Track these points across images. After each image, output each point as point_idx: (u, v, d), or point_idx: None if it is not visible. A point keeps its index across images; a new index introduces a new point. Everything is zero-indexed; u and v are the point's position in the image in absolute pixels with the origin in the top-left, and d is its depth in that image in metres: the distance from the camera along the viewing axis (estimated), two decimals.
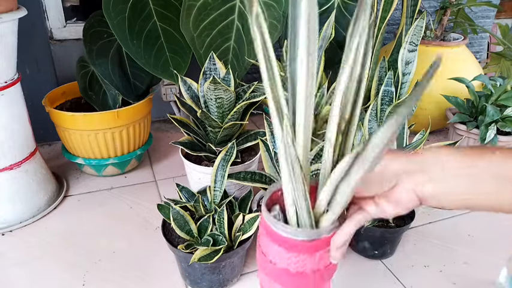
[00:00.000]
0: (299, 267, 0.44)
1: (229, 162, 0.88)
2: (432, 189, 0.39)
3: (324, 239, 0.43)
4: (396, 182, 0.40)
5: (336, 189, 0.41)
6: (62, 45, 1.42)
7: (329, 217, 0.43)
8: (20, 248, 0.98)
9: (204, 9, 1.05)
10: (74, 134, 1.18)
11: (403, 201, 0.40)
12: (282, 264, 0.45)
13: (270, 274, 0.47)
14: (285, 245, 0.44)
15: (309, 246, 0.43)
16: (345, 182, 0.39)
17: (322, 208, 0.43)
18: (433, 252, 1.02)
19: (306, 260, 0.44)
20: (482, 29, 1.58)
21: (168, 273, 0.92)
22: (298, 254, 0.43)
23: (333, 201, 0.42)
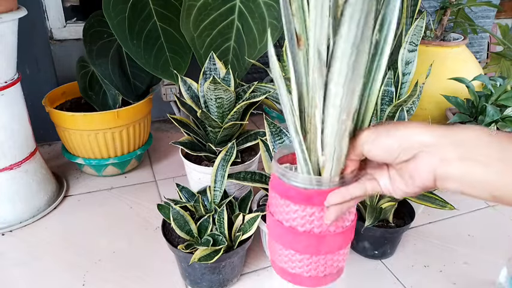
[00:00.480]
0: (306, 224, 0.43)
1: (229, 162, 0.88)
2: (458, 169, 0.34)
3: (318, 192, 0.42)
4: (418, 154, 0.36)
5: (322, 127, 0.39)
6: (62, 45, 1.41)
7: (326, 167, 0.41)
8: (20, 248, 0.98)
9: (204, 9, 1.05)
10: (74, 134, 1.17)
11: (419, 176, 0.36)
12: (289, 222, 0.44)
13: (278, 238, 0.46)
14: (291, 196, 0.43)
15: (315, 196, 0.42)
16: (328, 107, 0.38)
17: (320, 159, 0.42)
18: (433, 252, 1.02)
19: (312, 216, 0.43)
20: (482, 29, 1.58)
21: (168, 273, 0.92)
22: (305, 206, 0.43)
23: (323, 144, 0.40)
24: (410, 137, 0.36)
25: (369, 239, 0.96)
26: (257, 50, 1.11)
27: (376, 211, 0.90)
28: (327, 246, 0.45)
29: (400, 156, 0.37)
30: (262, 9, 1.07)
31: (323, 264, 0.46)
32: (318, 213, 0.43)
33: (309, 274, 0.46)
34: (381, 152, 0.38)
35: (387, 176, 0.41)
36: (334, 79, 0.36)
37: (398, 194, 0.40)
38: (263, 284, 0.91)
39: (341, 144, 0.40)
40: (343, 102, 0.37)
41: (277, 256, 0.49)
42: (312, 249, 0.45)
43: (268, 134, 0.89)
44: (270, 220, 0.48)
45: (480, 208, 1.22)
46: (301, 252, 0.45)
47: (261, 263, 0.96)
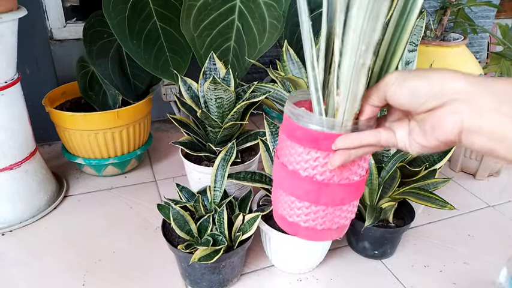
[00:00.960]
0: (309, 169, 0.41)
1: (229, 162, 0.88)
2: (490, 122, 0.30)
3: (327, 135, 0.40)
4: (447, 102, 0.32)
5: (340, 61, 0.36)
6: (62, 45, 1.41)
7: (341, 109, 0.38)
8: (20, 248, 0.98)
9: (204, 9, 1.05)
10: (74, 134, 1.17)
11: (442, 126, 0.32)
12: (292, 165, 0.42)
13: (280, 182, 0.45)
14: (297, 137, 0.41)
15: (321, 139, 0.39)
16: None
17: (335, 100, 0.39)
18: (433, 252, 1.02)
19: (316, 161, 0.41)
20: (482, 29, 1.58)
21: (168, 273, 0.92)
22: (310, 149, 0.40)
23: (339, 80, 0.37)
24: (443, 81, 0.32)
25: (369, 239, 0.96)
26: (257, 50, 1.11)
27: (376, 211, 0.90)
28: (328, 196, 0.43)
29: (427, 103, 0.33)
30: (263, 9, 1.07)
31: (322, 216, 0.44)
32: (322, 159, 0.41)
33: (306, 224, 0.45)
34: (406, 96, 0.34)
35: (406, 128, 0.37)
36: (357, 1, 0.33)
37: (413, 148, 0.36)
38: (263, 284, 0.91)
39: (358, 82, 0.36)
40: (364, 27, 0.34)
41: (277, 203, 0.47)
42: (311, 197, 0.43)
43: (268, 134, 0.89)
44: (275, 164, 0.46)
45: (480, 208, 1.22)
46: (301, 199, 0.43)
47: (261, 263, 0.96)
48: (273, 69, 1.02)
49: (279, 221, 0.48)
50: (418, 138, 0.35)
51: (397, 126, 0.38)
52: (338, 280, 0.93)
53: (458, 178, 1.38)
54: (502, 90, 0.30)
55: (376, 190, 0.90)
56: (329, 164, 0.40)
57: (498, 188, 1.33)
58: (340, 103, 0.38)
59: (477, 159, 1.35)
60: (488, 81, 0.31)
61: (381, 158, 0.96)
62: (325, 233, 0.46)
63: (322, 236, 0.46)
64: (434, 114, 0.33)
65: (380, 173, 0.90)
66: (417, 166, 0.93)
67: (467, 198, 1.26)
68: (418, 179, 0.90)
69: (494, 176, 1.40)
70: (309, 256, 0.90)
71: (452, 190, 1.30)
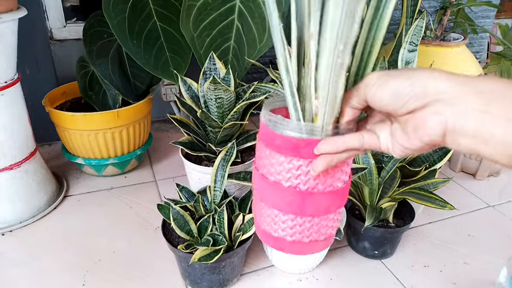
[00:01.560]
0: (292, 179, 0.40)
1: (229, 162, 0.88)
2: (475, 122, 0.29)
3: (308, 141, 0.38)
4: (430, 103, 0.31)
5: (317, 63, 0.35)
6: (62, 45, 1.41)
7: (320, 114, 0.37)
8: (20, 248, 0.98)
9: (204, 9, 1.05)
10: (74, 134, 1.17)
11: (426, 127, 0.31)
12: (274, 176, 0.41)
13: (262, 194, 0.43)
14: (277, 146, 0.39)
15: (303, 146, 0.38)
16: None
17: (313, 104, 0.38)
18: (433, 252, 1.02)
19: (299, 169, 0.39)
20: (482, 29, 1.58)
21: (168, 273, 0.92)
22: (291, 157, 0.39)
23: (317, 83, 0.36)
24: (426, 81, 0.31)
25: (369, 239, 0.96)
26: (257, 50, 1.11)
27: (376, 211, 0.90)
28: (313, 206, 0.41)
29: (408, 104, 0.32)
30: (262, 9, 1.07)
31: (308, 228, 0.42)
32: (305, 167, 0.39)
33: (292, 238, 0.42)
34: (387, 96, 0.33)
35: (388, 131, 0.36)
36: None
37: (396, 150, 0.35)
38: (263, 284, 0.91)
39: (337, 83, 0.35)
40: (342, 25, 0.33)
41: (260, 217, 0.45)
42: (296, 208, 0.41)
43: None
44: (254, 175, 0.44)
45: (480, 208, 1.22)
46: (285, 212, 0.41)
47: (261, 263, 0.96)
48: (273, 69, 1.02)
49: (262, 237, 0.46)
50: (401, 141, 0.34)
51: (379, 128, 0.37)
52: (338, 280, 0.93)
53: (458, 178, 1.38)
54: (488, 90, 0.30)
55: (376, 190, 0.90)
56: (311, 170, 0.39)
57: (498, 188, 1.33)
58: (319, 107, 0.37)
59: (477, 159, 1.35)
60: (474, 81, 0.30)
61: (380, 158, 0.96)
62: (313, 245, 0.43)
63: (309, 248, 0.44)
64: (416, 116, 0.32)
65: (380, 173, 0.90)
66: (417, 166, 0.93)
67: (467, 198, 1.26)
68: (418, 179, 0.90)
69: (494, 176, 1.40)
70: (309, 256, 0.90)
71: (452, 190, 1.30)
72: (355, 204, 0.98)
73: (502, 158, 0.29)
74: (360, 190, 0.94)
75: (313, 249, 0.44)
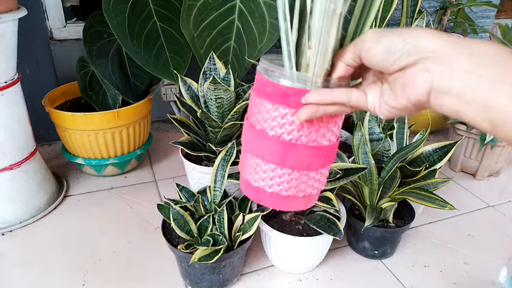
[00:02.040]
0: (276, 128, 0.40)
1: (229, 162, 0.88)
2: (459, 83, 0.29)
3: (296, 91, 0.38)
4: (419, 60, 0.31)
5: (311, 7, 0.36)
6: (62, 45, 1.41)
7: (311, 64, 0.38)
8: (20, 248, 0.98)
9: (204, 9, 1.05)
10: (74, 134, 1.17)
11: (412, 86, 0.31)
12: (260, 124, 0.41)
13: (247, 143, 0.44)
14: (266, 93, 0.40)
15: (291, 94, 0.38)
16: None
17: (307, 54, 0.38)
18: (433, 252, 1.02)
19: (284, 118, 0.39)
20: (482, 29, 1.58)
21: (168, 273, 0.92)
22: (278, 105, 0.39)
23: (311, 30, 0.36)
24: (418, 39, 0.31)
25: (369, 239, 0.96)
26: (257, 50, 1.11)
27: (376, 211, 0.90)
28: (294, 158, 0.41)
29: (399, 60, 0.32)
30: (263, 9, 1.07)
31: (288, 181, 0.42)
32: (290, 116, 0.39)
33: (271, 190, 0.43)
34: (380, 52, 0.33)
35: (378, 91, 0.36)
36: None
37: (383, 110, 0.35)
38: (263, 284, 0.91)
39: (329, 32, 0.36)
40: None
41: (244, 167, 0.45)
42: (277, 158, 0.41)
43: None
44: (244, 126, 0.44)
45: (480, 208, 1.22)
46: (267, 161, 0.42)
47: (261, 263, 0.96)
48: None
49: (243, 187, 0.46)
50: (388, 100, 0.34)
51: (369, 88, 0.37)
52: (338, 280, 0.93)
53: (458, 178, 1.38)
54: (480, 52, 0.29)
55: (376, 190, 0.90)
56: (295, 117, 0.39)
57: (498, 188, 1.33)
58: (311, 57, 0.37)
59: (477, 159, 1.35)
60: (466, 42, 0.30)
61: (381, 158, 0.96)
62: (291, 201, 0.44)
63: (287, 203, 0.44)
64: (406, 73, 0.32)
65: (380, 173, 0.90)
66: (417, 166, 0.93)
67: (467, 198, 1.26)
68: (418, 179, 0.90)
69: (494, 176, 1.40)
70: (309, 256, 0.90)
71: (452, 190, 1.30)
72: (355, 204, 0.98)
73: (483, 121, 0.29)
74: (360, 190, 0.94)
75: (291, 204, 0.44)
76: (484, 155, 1.32)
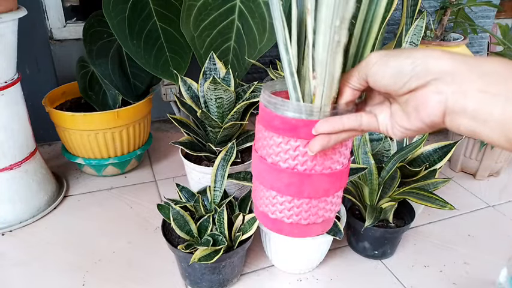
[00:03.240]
0: (289, 160, 0.40)
1: (229, 162, 0.88)
2: (474, 102, 0.29)
3: (306, 122, 0.38)
4: (430, 82, 0.31)
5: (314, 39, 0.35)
6: (62, 45, 1.41)
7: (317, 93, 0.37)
8: (20, 248, 0.98)
9: (205, 9, 1.05)
10: (74, 134, 1.17)
11: (426, 107, 0.31)
12: (271, 157, 0.41)
13: (260, 176, 0.43)
14: (275, 126, 0.39)
15: (301, 126, 0.38)
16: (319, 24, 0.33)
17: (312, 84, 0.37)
18: (433, 252, 1.02)
19: (297, 150, 0.39)
20: (482, 29, 1.58)
21: (168, 273, 0.92)
22: (289, 138, 0.39)
23: (315, 61, 0.36)
24: (427, 60, 0.31)
25: (368, 239, 0.96)
26: (257, 50, 1.11)
27: (376, 211, 0.90)
28: (311, 187, 0.41)
29: (410, 82, 0.32)
30: (263, 9, 1.07)
31: (306, 210, 0.42)
32: (302, 148, 0.39)
33: (290, 220, 0.42)
34: (389, 75, 0.33)
35: (388, 112, 0.36)
36: None
37: (396, 131, 0.35)
38: (263, 284, 0.91)
39: (334, 61, 0.35)
40: (337, 1, 0.33)
41: (258, 199, 0.45)
42: (294, 190, 0.41)
43: None
44: (254, 158, 0.44)
45: (480, 208, 1.22)
46: (283, 193, 0.41)
47: (261, 263, 0.96)
48: (273, 69, 1.02)
49: (260, 218, 0.46)
50: (401, 122, 0.34)
51: (379, 110, 0.37)
52: (338, 280, 0.93)
53: (458, 178, 1.38)
54: (491, 71, 0.29)
55: (376, 190, 0.90)
56: (308, 150, 0.38)
57: (498, 188, 1.33)
58: (317, 86, 0.37)
59: (477, 159, 1.35)
60: (477, 61, 0.30)
61: (381, 158, 0.96)
62: (311, 228, 0.44)
63: (307, 231, 0.44)
64: (417, 95, 0.32)
65: (380, 173, 0.90)
66: (417, 166, 0.93)
67: (467, 198, 1.26)
68: (418, 179, 0.90)
69: (494, 176, 1.40)
70: (309, 256, 0.90)
71: (452, 190, 1.30)
72: (355, 204, 0.98)
73: (500, 138, 0.29)
74: (360, 190, 0.94)
75: (311, 232, 0.44)
76: (484, 155, 1.32)
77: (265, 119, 0.41)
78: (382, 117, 0.36)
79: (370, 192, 0.92)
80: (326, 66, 0.35)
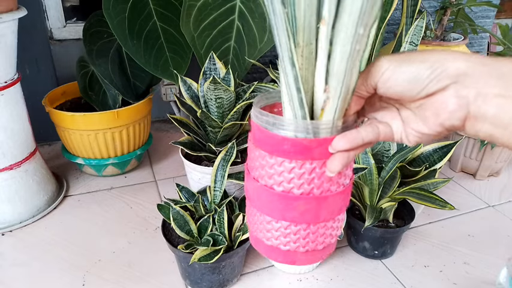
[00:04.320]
0: (304, 185, 0.35)
1: (229, 162, 0.88)
2: (495, 107, 0.28)
3: (320, 141, 0.34)
4: (450, 85, 0.30)
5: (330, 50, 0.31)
6: (62, 45, 1.41)
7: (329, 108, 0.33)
8: (20, 248, 0.98)
9: (205, 9, 1.05)
10: (74, 134, 1.17)
11: (447, 112, 0.30)
12: (282, 185, 0.36)
13: (267, 207, 0.38)
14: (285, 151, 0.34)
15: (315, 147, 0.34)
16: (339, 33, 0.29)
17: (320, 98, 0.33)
18: (433, 252, 1.02)
19: (313, 173, 0.35)
20: (482, 29, 1.58)
21: (168, 273, 0.92)
22: (303, 161, 0.34)
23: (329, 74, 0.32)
24: (445, 62, 0.29)
25: (368, 239, 0.96)
26: (257, 50, 1.11)
27: (376, 211, 0.90)
28: (327, 210, 0.37)
29: (428, 87, 0.30)
30: (263, 9, 1.07)
31: (304, 236, 0.38)
32: (319, 169, 0.35)
33: (305, 248, 0.38)
34: (405, 81, 0.31)
35: (399, 119, 0.34)
36: None
37: (411, 138, 0.34)
38: (263, 284, 0.91)
39: (351, 72, 0.31)
40: (364, 6, 0.28)
41: (252, 224, 0.40)
42: (310, 216, 0.37)
43: None
44: (252, 187, 0.39)
45: (480, 208, 1.22)
46: (298, 222, 0.37)
47: (261, 263, 0.96)
48: (273, 69, 1.02)
49: (255, 244, 0.42)
50: (418, 127, 0.33)
51: (388, 117, 0.35)
52: (338, 280, 0.93)
53: (458, 178, 1.38)
54: (509, 73, 0.28)
55: (376, 190, 0.90)
56: (327, 170, 0.35)
57: (498, 188, 1.33)
58: (329, 100, 0.33)
59: (477, 159, 1.35)
60: (495, 62, 0.29)
61: (381, 158, 0.96)
62: (310, 255, 0.39)
63: (306, 258, 0.40)
64: (436, 99, 0.30)
65: (380, 173, 0.90)
66: (417, 166, 0.93)
67: (467, 198, 1.26)
68: (418, 179, 0.90)
69: (494, 176, 1.40)
70: None
71: (452, 190, 1.30)
72: (355, 204, 0.98)
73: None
74: (360, 190, 0.94)
75: (311, 259, 0.40)
76: (484, 155, 1.32)
77: (269, 143, 0.35)
78: (396, 126, 0.35)
79: (370, 192, 0.92)
80: (344, 78, 0.32)
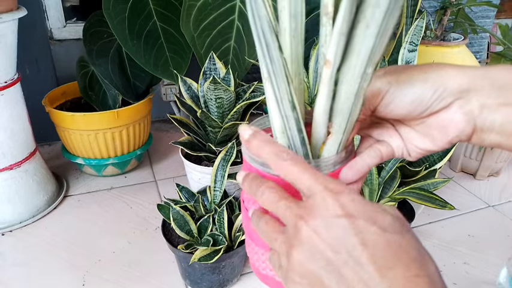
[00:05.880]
0: None
1: (229, 162, 0.88)
2: (501, 117, 0.29)
3: (337, 173, 0.33)
4: (452, 103, 0.30)
5: (335, 91, 0.30)
6: (62, 45, 1.41)
7: (332, 142, 0.32)
8: (20, 248, 0.98)
9: (205, 9, 1.05)
10: (74, 134, 1.17)
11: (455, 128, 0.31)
12: None
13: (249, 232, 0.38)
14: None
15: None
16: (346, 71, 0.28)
17: (321, 134, 0.32)
18: (433, 252, 1.02)
19: None
20: (482, 29, 1.58)
21: (168, 273, 0.92)
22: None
23: (333, 112, 0.31)
24: (446, 81, 0.30)
25: None
26: None
27: None
28: None
29: (432, 107, 0.30)
30: None
31: None
32: None
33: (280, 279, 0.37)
34: (407, 104, 0.31)
35: (398, 137, 0.34)
36: (367, 16, 0.25)
37: (414, 154, 0.34)
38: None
39: (356, 107, 0.31)
40: (375, 46, 0.26)
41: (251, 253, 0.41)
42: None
43: None
44: (243, 210, 0.38)
45: (480, 208, 1.22)
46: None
47: None
48: None
49: (254, 270, 0.42)
50: (423, 145, 0.33)
51: (386, 136, 0.35)
52: None
53: (458, 178, 1.38)
54: (507, 83, 0.29)
55: (376, 190, 0.90)
56: None
57: (498, 188, 1.33)
58: (332, 135, 0.32)
59: (477, 159, 1.35)
60: (489, 73, 0.30)
61: None
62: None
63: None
64: (442, 117, 0.31)
65: (380, 173, 0.90)
66: (417, 166, 0.93)
67: (467, 198, 1.26)
68: (418, 179, 0.90)
69: (494, 176, 1.40)
70: None
71: (452, 190, 1.30)
72: None
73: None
74: (360, 190, 0.94)
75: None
76: (484, 155, 1.32)
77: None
78: (396, 144, 0.34)
79: (370, 192, 0.92)
80: (349, 116, 0.31)
